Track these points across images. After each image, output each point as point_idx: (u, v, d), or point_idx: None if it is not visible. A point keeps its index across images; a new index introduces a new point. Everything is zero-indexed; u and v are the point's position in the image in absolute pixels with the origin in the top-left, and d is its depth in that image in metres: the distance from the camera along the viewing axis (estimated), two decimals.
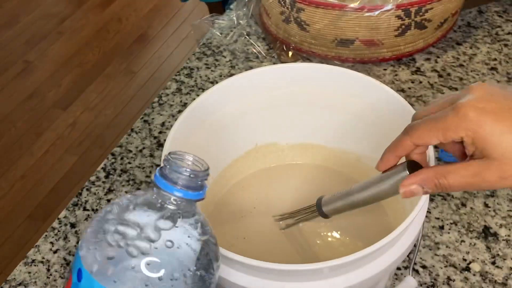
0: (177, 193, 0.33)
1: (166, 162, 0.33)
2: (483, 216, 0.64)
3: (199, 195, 0.34)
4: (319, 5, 0.76)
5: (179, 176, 0.32)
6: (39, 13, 2.51)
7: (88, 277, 0.31)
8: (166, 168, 0.33)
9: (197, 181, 0.33)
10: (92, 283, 0.30)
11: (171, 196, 0.33)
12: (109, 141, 1.92)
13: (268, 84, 0.57)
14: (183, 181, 0.33)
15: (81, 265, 0.31)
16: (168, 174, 0.33)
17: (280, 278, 0.43)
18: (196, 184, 0.33)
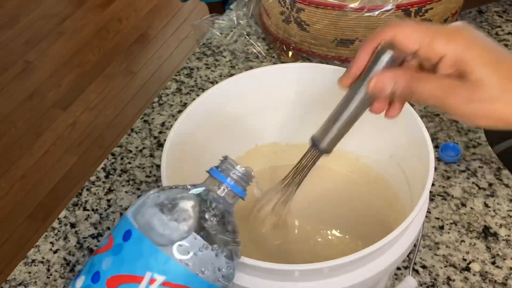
0: (228, 184, 0.38)
1: (224, 159, 0.40)
2: (483, 216, 0.64)
3: (243, 193, 0.40)
4: (319, 5, 0.76)
5: (234, 172, 0.39)
6: (39, 13, 2.51)
7: (139, 235, 0.35)
8: (223, 163, 0.39)
9: (245, 180, 0.39)
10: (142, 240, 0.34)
11: (222, 186, 0.38)
12: (109, 141, 1.92)
13: (268, 84, 0.57)
14: (236, 176, 0.39)
15: (131, 226, 0.35)
16: (225, 169, 0.39)
17: (280, 278, 0.43)
18: (244, 183, 0.39)
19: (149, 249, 0.34)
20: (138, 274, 0.34)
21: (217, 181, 0.39)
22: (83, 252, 0.64)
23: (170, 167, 0.48)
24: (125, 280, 0.34)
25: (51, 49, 2.32)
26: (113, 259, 0.35)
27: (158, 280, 0.34)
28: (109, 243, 0.36)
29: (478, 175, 0.68)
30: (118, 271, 0.34)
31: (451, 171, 0.69)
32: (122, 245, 0.35)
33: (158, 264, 0.34)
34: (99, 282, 0.35)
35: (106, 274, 0.35)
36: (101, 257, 0.36)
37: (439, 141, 0.72)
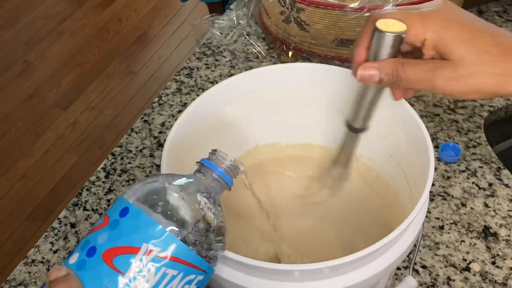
0: (218, 173, 0.41)
1: (214, 151, 0.43)
2: (483, 216, 0.64)
3: (231, 182, 0.42)
4: (319, 5, 0.76)
5: (224, 162, 0.42)
6: (39, 13, 2.51)
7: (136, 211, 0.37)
8: (214, 154, 0.42)
9: (234, 171, 0.42)
10: (139, 215, 0.36)
11: (213, 173, 0.41)
12: (109, 141, 1.92)
13: (268, 84, 0.57)
14: (225, 167, 0.42)
15: (128, 204, 0.37)
16: (215, 159, 0.42)
17: (280, 278, 0.43)
18: (233, 174, 0.42)
19: (147, 223, 0.36)
20: (135, 245, 0.35)
21: (208, 169, 0.41)
22: None
23: (170, 167, 0.48)
24: (122, 251, 0.35)
25: (51, 49, 2.32)
26: (109, 233, 0.36)
27: (154, 251, 0.35)
28: (105, 221, 0.38)
29: (478, 175, 0.68)
30: (114, 243, 0.36)
31: (451, 171, 0.69)
32: (118, 220, 0.37)
33: (154, 237, 0.36)
34: (95, 255, 0.36)
35: (102, 248, 0.36)
36: (96, 234, 0.37)
37: (439, 141, 0.72)
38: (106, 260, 0.35)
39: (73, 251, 0.38)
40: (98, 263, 0.35)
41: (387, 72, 0.42)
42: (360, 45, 0.45)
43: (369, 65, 0.43)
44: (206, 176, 0.41)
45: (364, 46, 0.44)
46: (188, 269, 0.37)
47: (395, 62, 0.42)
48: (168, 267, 0.36)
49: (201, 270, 0.38)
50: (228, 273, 0.44)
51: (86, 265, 0.36)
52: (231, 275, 0.44)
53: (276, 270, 0.41)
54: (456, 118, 0.75)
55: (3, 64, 2.25)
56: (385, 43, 0.42)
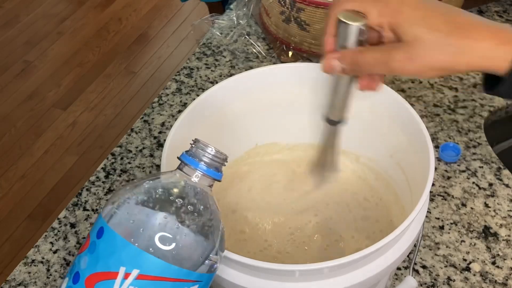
0: (201, 168, 0.37)
1: (194, 143, 0.38)
2: (483, 216, 0.64)
3: (218, 175, 0.38)
4: (319, 5, 0.76)
5: (205, 155, 0.38)
6: (39, 13, 2.51)
7: (109, 231, 0.35)
8: (193, 148, 0.38)
9: (218, 162, 0.38)
10: (113, 236, 0.34)
11: (196, 171, 0.37)
12: (109, 141, 1.92)
13: (268, 84, 0.57)
14: (207, 159, 0.38)
15: (103, 223, 0.35)
16: (195, 153, 0.38)
17: (280, 278, 0.43)
18: (217, 165, 0.38)
19: (120, 244, 0.34)
20: (112, 270, 0.34)
21: (189, 167, 0.38)
22: None
23: (170, 167, 0.48)
24: (101, 277, 0.34)
25: (51, 49, 2.32)
26: (89, 257, 0.35)
27: (133, 273, 0.34)
28: (86, 242, 0.36)
29: (478, 175, 0.68)
30: (94, 269, 0.34)
31: (451, 171, 0.69)
32: (96, 242, 0.35)
33: (130, 258, 0.34)
34: (79, 282, 0.35)
35: (85, 273, 0.35)
36: (80, 257, 0.36)
37: (439, 141, 0.72)
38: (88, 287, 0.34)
39: (66, 274, 0.37)
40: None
41: (347, 62, 0.44)
42: (328, 33, 0.46)
43: (331, 56, 0.45)
44: (189, 173, 0.38)
45: (331, 34, 0.46)
46: (175, 285, 0.35)
47: (354, 50, 0.44)
48: (152, 287, 0.34)
49: (192, 281, 0.36)
50: (227, 273, 0.44)
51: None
52: (230, 275, 0.44)
53: (276, 270, 0.41)
54: (456, 118, 0.75)
55: (3, 64, 2.25)
56: (348, 33, 0.44)
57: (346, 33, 0.44)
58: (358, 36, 0.44)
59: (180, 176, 0.38)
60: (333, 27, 0.45)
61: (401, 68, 0.41)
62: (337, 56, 0.45)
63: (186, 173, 0.38)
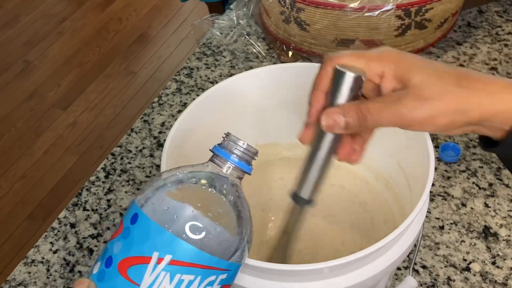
0: (233, 161, 0.39)
1: (226, 137, 0.40)
2: (483, 216, 0.64)
3: (249, 168, 0.39)
4: (319, 5, 0.76)
5: (237, 147, 0.39)
6: (39, 13, 2.51)
7: (144, 217, 0.36)
8: (225, 141, 0.40)
9: (249, 156, 0.39)
10: (147, 222, 0.35)
11: (227, 163, 0.39)
12: (109, 141, 1.92)
13: (268, 84, 0.57)
14: (239, 152, 0.39)
15: (138, 210, 0.36)
16: (227, 146, 0.39)
17: (280, 278, 0.43)
18: (248, 158, 0.39)
19: (155, 230, 0.35)
20: (146, 255, 0.35)
21: (221, 159, 0.39)
22: (83, 252, 0.64)
23: (170, 167, 0.48)
24: (134, 261, 0.35)
25: (51, 49, 2.32)
26: (122, 242, 0.36)
27: (166, 259, 0.34)
28: (120, 228, 0.37)
29: (478, 175, 0.68)
30: (127, 253, 0.35)
31: (451, 171, 0.69)
32: (129, 228, 0.36)
33: (164, 244, 0.35)
34: (112, 266, 0.36)
35: (117, 258, 0.36)
36: (113, 242, 0.37)
37: (439, 141, 0.72)
38: (121, 271, 0.35)
39: (98, 258, 0.37)
40: (115, 275, 0.35)
41: (352, 114, 0.40)
42: (318, 88, 0.43)
43: (333, 111, 0.41)
44: (220, 165, 0.39)
45: (321, 90, 0.43)
46: (206, 272, 0.35)
47: (356, 103, 0.41)
48: (182, 273, 0.35)
49: (222, 270, 0.36)
50: None
51: (105, 277, 0.35)
52: None
53: (276, 270, 0.41)
54: None
55: (3, 64, 2.25)
56: (346, 84, 0.41)
57: (343, 84, 0.41)
58: (356, 88, 0.41)
59: (212, 167, 0.39)
60: (326, 81, 0.42)
61: (410, 114, 0.39)
62: (339, 110, 0.41)
63: (218, 165, 0.39)
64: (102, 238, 0.65)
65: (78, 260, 0.63)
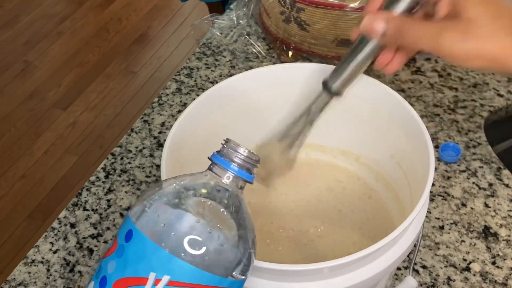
0: (233, 169, 0.36)
1: (226, 143, 0.37)
2: (483, 216, 0.64)
3: (250, 177, 0.37)
4: (319, 5, 0.76)
5: (237, 155, 0.36)
6: (39, 13, 2.51)
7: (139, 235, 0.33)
8: (224, 149, 0.37)
9: (250, 163, 0.37)
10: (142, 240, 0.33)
11: (227, 173, 0.36)
12: (109, 141, 1.92)
13: (268, 84, 0.57)
14: (239, 160, 0.36)
15: (132, 226, 0.34)
16: (226, 153, 0.36)
17: (280, 278, 0.43)
18: (249, 166, 0.37)
19: (150, 248, 0.33)
20: (142, 275, 0.33)
21: (220, 167, 0.36)
22: (83, 252, 0.64)
23: (170, 167, 0.48)
24: (130, 283, 0.33)
25: (51, 49, 2.32)
26: (117, 261, 0.34)
27: (163, 280, 0.32)
28: (114, 245, 0.35)
29: (478, 175, 0.68)
30: (122, 274, 0.33)
31: (451, 171, 0.69)
32: (124, 246, 0.34)
33: (161, 263, 0.32)
34: (107, 287, 0.34)
35: (112, 278, 0.33)
36: (107, 261, 0.35)
37: (439, 141, 0.72)
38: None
39: (92, 277, 0.35)
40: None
41: (392, 26, 0.40)
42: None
43: (378, 16, 0.41)
44: (219, 174, 0.36)
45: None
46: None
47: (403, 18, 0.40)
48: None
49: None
50: None
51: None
52: None
53: (275, 270, 0.41)
54: (456, 118, 0.75)
55: (3, 64, 2.25)
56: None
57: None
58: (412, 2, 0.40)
59: (210, 177, 0.37)
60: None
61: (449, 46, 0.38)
62: (383, 17, 0.40)
63: (217, 174, 0.36)
64: (102, 238, 0.65)
65: (78, 260, 0.63)
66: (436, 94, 0.78)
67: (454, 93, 0.79)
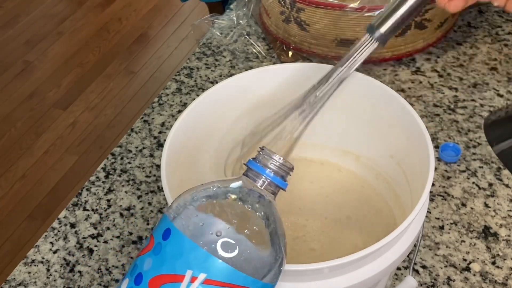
0: (268, 175, 0.37)
1: (261, 150, 0.38)
2: (483, 216, 0.64)
3: (284, 184, 0.38)
4: (319, 5, 0.76)
5: (272, 162, 0.38)
6: (39, 13, 2.51)
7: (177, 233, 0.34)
8: (260, 156, 0.38)
9: (284, 171, 0.38)
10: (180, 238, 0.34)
11: (262, 178, 0.37)
12: (109, 141, 1.92)
13: (268, 84, 0.57)
14: (274, 167, 0.38)
15: (170, 225, 0.35)
16: (261, 160, 0.38)
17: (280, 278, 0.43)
18: (283, 174, 0.38)
19: (189, 247, 0.34)
20: (178, 273, 0.33)
21: (256, 173, 0.38)
22: (83, 252, 0.64)
23: (170, 167, 0.48)
24: (166, 279, 0.33)
25: (51, 49, 2.32)
26: (153, 259, 0.34)
27: (200, 278, 0.33)
28: (150, 243, 0.36)
29: (478, 175, 0.68)
30: (159, 271, 0.34)
31: (451, 171, 0.69)
32: (161, 244, 0.35)
33: (198, 262, 0.33)
34: (142, 283, 0.34)
35: (148, 275, 0.34)
36: (143, 258, 0.35)
37: (439, 141, 0.72)
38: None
39: (125, 275, 0.36)
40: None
41: None
42: None
43: None
44: (255, 180, 0.38)
45: None
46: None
47: None
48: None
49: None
50: None
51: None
52: None
53: None
54: (456, 118, 0.75)
55: (3, 64, 2.25)
56: None
57: None
58: None
59: (246, 182, 0.38)
60: None
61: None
62: None
63: (252, 179, 0.38)
64: (102, 238, 0.65)
65: (78, 260, 0.63)
66: (436, 94, 0.78)
67: (454, 93, 0.79)
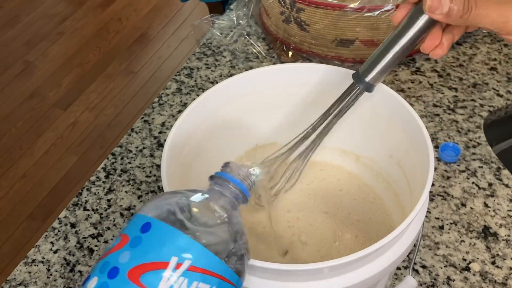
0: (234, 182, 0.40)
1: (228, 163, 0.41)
2: (483, 216, 0.64)
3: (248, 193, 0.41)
4: (319, 5, 0.76)
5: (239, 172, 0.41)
6: (39, 13, 2.51)
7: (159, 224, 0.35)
8: (228, 166, 0.41)
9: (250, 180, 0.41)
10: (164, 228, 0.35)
11: (229, 184, 0.40)
12: (109, 141, 1.92)
13: (268, 84, 0.57)
14: (240, 177, 0.41)
15: (149, 219, 0.36)
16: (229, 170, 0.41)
17: (280, 278, 0.43)
18: (249, 183, 0.41)
19: (174, 235, 0.35)
20: (163, 260, 0.34)
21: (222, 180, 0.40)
22: (83, 252, 0.64)
23: (170, 167, 0.48)
24: (149, 268, 0.34)
25: (51, 49, 2.32)
26: (131, 251, 0.35)
27: (185, 264, 0.34)
28: (123, 240, 0.36)
29: (478, 175, 0.68)
30: (140, 260, 0.34)
31: (451, 171, 0.69)
32: (141, 237, 0.35)
33: (184, 249, 0.34)
34: (119, 276, 0.34)
35: (126, 267, 0.34)
36: (116, 254, 0.36)
37: (439, 141, 0.72)
38: (132, 279, 0.34)
39: (89, 276, 0.36)
40: (124, 283, 0.34)
41: (458, 2, 0.38)
42: None
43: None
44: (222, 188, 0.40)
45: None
46: (220, 283, 0.35)
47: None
48: (200, 280, 0.34)
49: (232, 284, 0.36)
50: None
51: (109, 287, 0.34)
52: None
53: (275, 270, 0.41)
54: (456, 118, 0.75)
55: (3, 64, 2.25)
56: None
57: None
58: None
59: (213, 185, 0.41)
60: None
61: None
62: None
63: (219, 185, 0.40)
64: (103, 238, 0.65)
65: (78, 260, 0.63)
66: (436, 94, 0.79)
67: (454, 93, 0.79)
